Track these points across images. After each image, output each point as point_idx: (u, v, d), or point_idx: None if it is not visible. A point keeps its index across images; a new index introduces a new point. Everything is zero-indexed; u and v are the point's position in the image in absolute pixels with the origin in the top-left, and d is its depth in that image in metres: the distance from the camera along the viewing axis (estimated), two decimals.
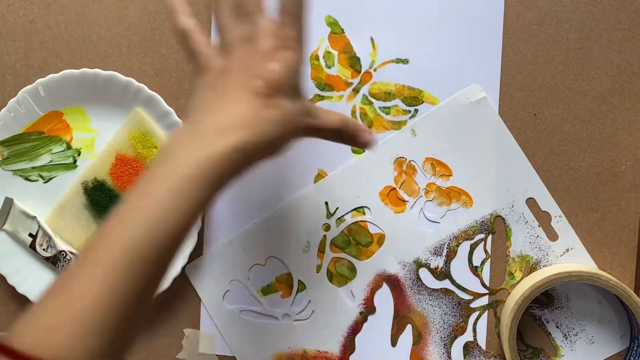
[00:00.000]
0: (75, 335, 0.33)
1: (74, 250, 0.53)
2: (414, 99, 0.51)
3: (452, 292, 0.52)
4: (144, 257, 0.34)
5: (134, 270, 0.34)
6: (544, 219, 0.51)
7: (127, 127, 0.52)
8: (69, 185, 0.54)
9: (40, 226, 0.53)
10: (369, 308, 0.53)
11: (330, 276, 0.53)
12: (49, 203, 0.54)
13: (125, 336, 0.35)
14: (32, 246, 0.53)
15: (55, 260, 0.53)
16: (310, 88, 0.52)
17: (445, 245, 0.52)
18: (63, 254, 0.52)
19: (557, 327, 0.51)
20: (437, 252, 0.52)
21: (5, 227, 0.54)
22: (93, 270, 0.34)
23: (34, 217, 0.53)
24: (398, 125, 0.51)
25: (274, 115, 0.38)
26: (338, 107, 0.52)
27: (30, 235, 0.53)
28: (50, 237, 0.53)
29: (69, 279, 0.35)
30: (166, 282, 0.52)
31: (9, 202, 0.54)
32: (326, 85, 0.52)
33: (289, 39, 0.39)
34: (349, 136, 0.43)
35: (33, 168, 0.54)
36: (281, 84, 0.38)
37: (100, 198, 0.53)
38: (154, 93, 0.51)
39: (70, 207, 0.54)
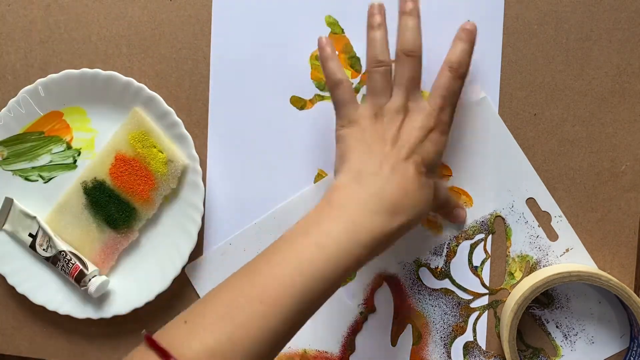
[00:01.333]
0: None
1: (73, 250, 0.53)
2: None
3: (452, 292, 0.52)
4: (306, 304, 0.39)
5: (293, 313, 0.38)
6: (544, 219, 0.51)
7: (127, 127, 0.52)
8: (69, 185, 0.54)
9: (40, 226, 0.53)
10: (369, 308, 0.53)
11: None
12: (49, 203, 0.54)
13: None
14: (32, 246, 0.53)
15: (55, 260, 0.53)
16: (310, 88, 0.52)
17: (445, 245, 0.52)
18: (63, 254, 0.52)
19: (557, 327, 0.51)
20: (437, 252, 0.52)
21: (5, 227, 0.54)
22: (259, 307, 0.37)
23: (34, 217, 0.53)
24: None
25: (429, 195, 0.43)
26: None
27: (30, 235, 0.53)
28: (50, 237, 0.53)
29: (234, 306, 0.38)
30: (166, 282, 0.52)
31: (9, 202, 0.54)
32: (326, 85, 0.52)
33: (443, 124, 0.44)
34: (450, 208, 0.49)
35: (33, 168, 0.54)
36: (432, 164, 0.44)
37: (100, 198, 0.53)
38: (154, 93, 0.51)
39: (70, 207, 0.54)
